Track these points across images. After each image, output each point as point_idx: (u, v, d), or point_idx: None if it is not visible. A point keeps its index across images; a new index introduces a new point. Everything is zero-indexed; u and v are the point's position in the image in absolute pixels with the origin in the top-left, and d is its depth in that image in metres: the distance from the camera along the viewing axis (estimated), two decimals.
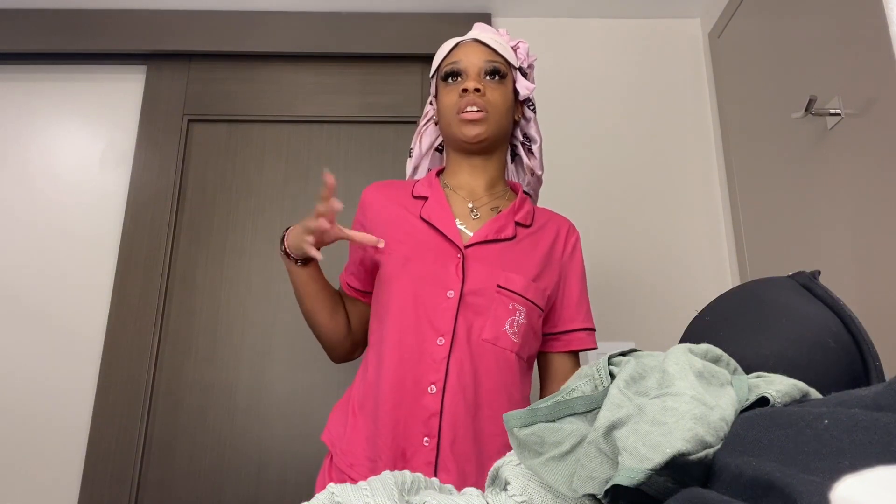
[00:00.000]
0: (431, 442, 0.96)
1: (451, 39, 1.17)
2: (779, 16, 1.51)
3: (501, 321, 1.01)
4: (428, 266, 1.03)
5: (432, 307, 1.00)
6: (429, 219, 1.07)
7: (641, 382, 0.54)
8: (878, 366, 0.62)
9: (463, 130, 1.08)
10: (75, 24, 1.90)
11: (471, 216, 1.10)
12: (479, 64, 1.10)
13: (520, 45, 1.17)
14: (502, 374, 1.00)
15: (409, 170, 1.25)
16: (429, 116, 1.22)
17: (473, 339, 1.00)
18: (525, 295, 1.03)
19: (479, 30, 1.16)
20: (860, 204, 1.21)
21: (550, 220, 1.15)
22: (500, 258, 1.05)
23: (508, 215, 1.10)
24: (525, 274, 1.04)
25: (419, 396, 0.97)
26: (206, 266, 1.77)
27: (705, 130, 1.88)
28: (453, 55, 1.13)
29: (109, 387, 1.67)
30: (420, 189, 1.13)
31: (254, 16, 1.92)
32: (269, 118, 1.89)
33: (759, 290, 0.70)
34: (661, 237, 1.79)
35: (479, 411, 0.98)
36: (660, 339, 1.69)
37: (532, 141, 1.21)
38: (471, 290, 1.01)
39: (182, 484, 1.61)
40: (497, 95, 1.10)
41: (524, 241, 1.09)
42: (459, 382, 0.97)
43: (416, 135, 1.24)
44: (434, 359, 0.98)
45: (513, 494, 0.54)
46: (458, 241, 1.04)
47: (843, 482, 0.32)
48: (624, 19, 1.97)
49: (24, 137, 1.90)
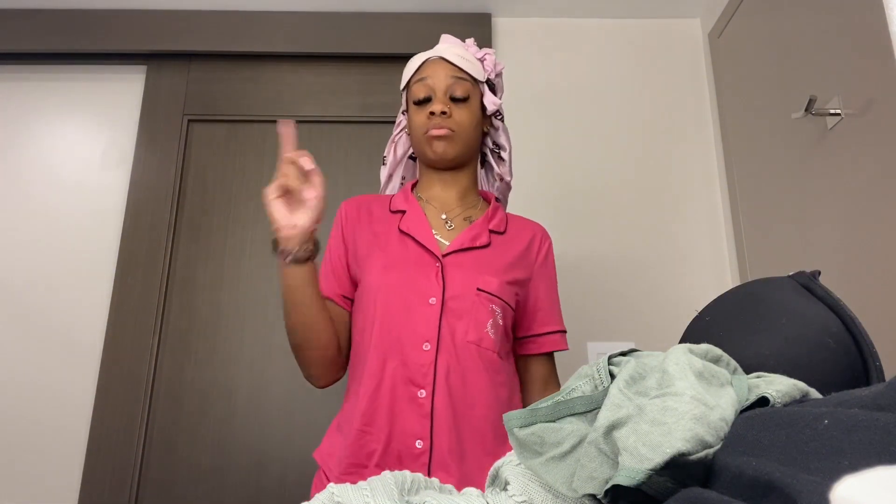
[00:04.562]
0: (424, 444, 0.98)
1: (419, 56, 1.19)
2: (779, 16, 1.51)
3: (483, 323, 1.04)
4: (410, 276, 1.06)
5: (416, 314, 1.03)
6: (408, 231, 1.11)
7: (641, 382, 0.54)
8: (878, 366, 0.62)
9: (432, 149, 1.12)
10: (75, 24, 1.90)
11: (445, 227, 1.14)
12: (446, 83, 1.13)
13: (486, 56, 1.20)
14: (488, 373, 1.03)
15: (384, 177, 1.28)
16: (402, 126, 1.26)
17: (458, 342, 1.03)
18: (501, 296, 1.07)
19: (446, 45, 1.19)
20: (860, 204, 1.21)
21: (524, 227, 1.20)
22: (477, 264, 1.09)
23: (482, 224, 1.14)
24: (500, 276, 1.08)
25: (409, 401, 1.00)
26: (206, 266, 1.77)
27: (705, 130, 1.88)
28: (421, 72, 1.16)
29: (109, 387, 1.67)
30: (397, 203, 1.17)
31: (254, 16, 1.92)
32: (269, 118, 1.89)
33: (759, 290, 0.70)
34: (661, 237, 1.79)
35: (470, 411, 1.01)
36: (660, 339, 1.69)
37: (502, 148, 1.25)
38: (452, 295, 1.05)
39: (182, 484, 1.61)
40: (463, 115, 1.13)
41: (498, 248, 1.13)
42: (448, 385, 1.00)
43: (389, 143, 1.27)
44: (421, 364, 1.01)
45: (513, 494, 0.54)
46: (436, 250, 1.08)
47: (843, 482, 0.32)
48: (624, 19, 1.97)
49: (24, 137, 1.90)
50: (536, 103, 1.89)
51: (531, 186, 1.82)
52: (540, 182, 1.82)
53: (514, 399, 1.10)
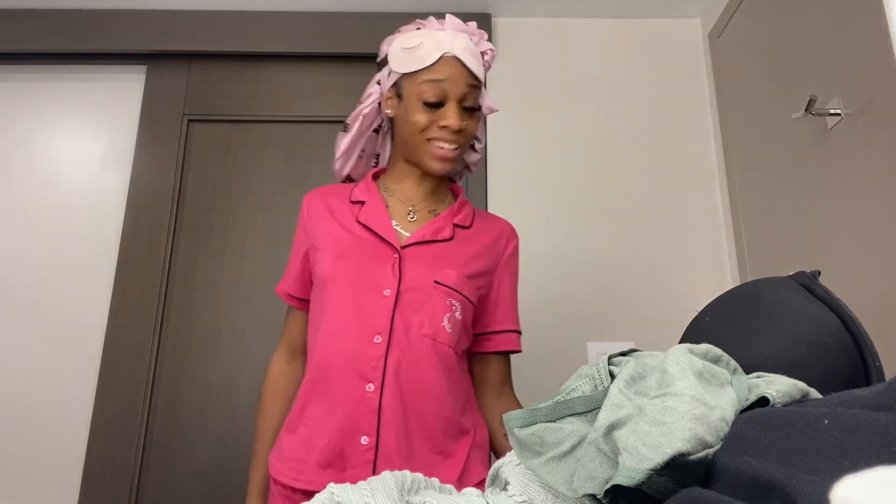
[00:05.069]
0: (370, 440, 0.96)
1: (425, 41, 1.06)
2: (779, 16, 1.51)
3: (439, 317, 1.02)
4: (364, 267, 1.03)
5: (368, 306, 1.01)
6: (366, 222, 1.08)
7: (641, 382, 0.54)
8: (878, 366, 0.62)
9: (433, 165, 1.07)
10: (75, 24, 1.90)
11: (407, 219, 1.11)
12: (462, 91, 1.05)
13: (488, 51, 1.13)
14: (443, 369, 1.01)
15: (343, 146, 1.17)
16: (374, 98, 1.15)
17: (412, 336, 1.00)
18: (460, 290, 1.05)
19: (457, 37, 1.07)
20: (860, 204, 1.21)
21: (492, 224, 1.17)
22: (436, 257, 1.06)
23: (447, 217, 1.11)
24: (460, 270, 1.06)
25: (358, 395, 0.97)
26: (206, 266, 1.77)
27: (705, 130, 1.88)
28: (435, 71, 1.04)
29: (109, 387, 1.67)
30: (358, 194, 1.13)
31: (254, 16, 1.92)
32: (269, 118, 1.89)
33: (759, 290, 0.70)
34: (660, 237, 1.79)
35: (420, 408, 0.98)
36: (660, 339, 1.69)
37: (478, 140, 1.21)
38: (407, 287, 1.02)
39: (182, 484, 1.61)
40: (472, 125, 1.09)
41: (462, 242, 1.10)
42: (397, 380, 0.98)
43: (357, 113, 1.16)
44: (371, 356, 0.99)
45: (513, 494, 0.54)
46: (394, 241, 1.05)
47: (842, 482, 0.32)
48: (624, 19, 1.97)
49: (24, 137, 1.90)
50: (536, 103, 1.89)
51: (530, 186, 1.82)
52: (539, 182, 1.82)
53: (469, 397, 1.08)
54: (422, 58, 1.05)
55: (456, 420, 1.02)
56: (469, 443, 1.03)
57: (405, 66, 1.07)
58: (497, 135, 1.86)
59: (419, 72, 1.05)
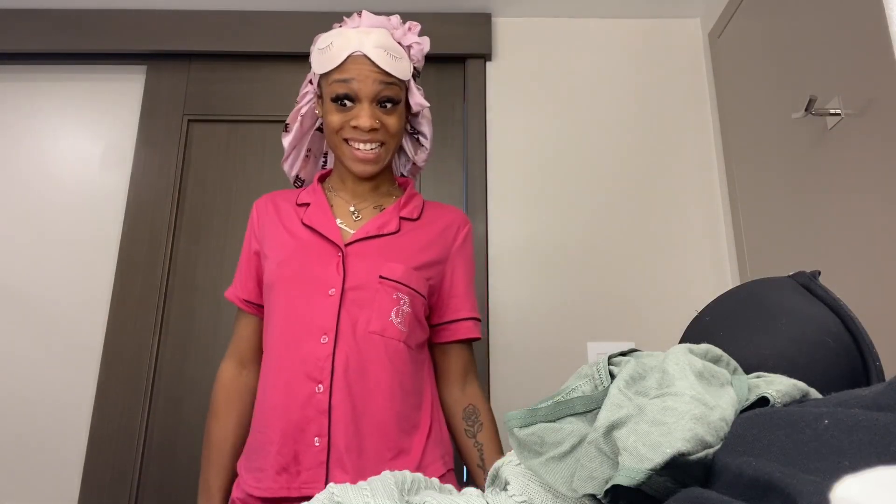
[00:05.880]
0: (322, 441, 0.96)
1: (334, 38, 1.04)
2: (779, 16, 1.51)
3: (387, 312, 1.02)
4: (308, 269, 1.03)
5: (314, 307, 1.01)
6: (310, 223, 1.08)
7: (641, 382, 0.54)
8: (878, 366, 0.62)
9: (353, 167, 1.06)
10: (75, 24, 1.90)
11: (353, 217, 1.11)
12: (373, 89, 1.03)
13: (413, 45, 1.08)
14: (393, 364, 1.01)
15: (287, 148, 1.18)
16: (309, 97, 1.14)
17: (360, 333, 1.00)
18: (407, 283, 1.04)
19: (369, 33, 1.04)
20: (860, 204, 1.21)
21: (442, 213, 1.15)
22: (382, 252, 1.05)
23: (393, 211, 1.10)
24: (406, 263, 1.05)
25: (307, 397, 0.97)
26: (206, 266, 1.77)
27: (705, 130, 1.88)
28: (344, 71, 1.03)
29: (109, 387, 1.67)
30: (304, 196, 1.14)
31: (254, 16, 1.92)
32: (270, 118, 1.89)
33: (759, 291, 0.70)
34: (661, 237, 1.79)
35: (370, 404, 0.98)
36: (660, 339, 1.69)
37: (423, 136, 1.19)
38: (352, 285, 1.02)
39: (182, 484, 1.61)
40: (391, 122, 1.06)
41: (409, 234, 1.09)
42: (346, 378, 0.98)
43: (295, 112, 1.15)
44: (318, 357, 0.98)
45: (513, 494, 0.54)
46: (337, 240, 1.05)
47: (842, 482, 0.32)
48: (624, 19, 1.97)
49: (24, 137, 1.90)
50: (536, 103, 1.89)
51: (530, 186, 1.82)
52: (538, 182, 1.82)
53: (425, 390, 1.07)
54: (332, 58, 1.04)
55: (407, 415, 1.01)
56: (423, 438, 1.02)
57: (319, 67, 1.06)
58: (497, 135, 1.86)
59: (330, 72, 1.05)
